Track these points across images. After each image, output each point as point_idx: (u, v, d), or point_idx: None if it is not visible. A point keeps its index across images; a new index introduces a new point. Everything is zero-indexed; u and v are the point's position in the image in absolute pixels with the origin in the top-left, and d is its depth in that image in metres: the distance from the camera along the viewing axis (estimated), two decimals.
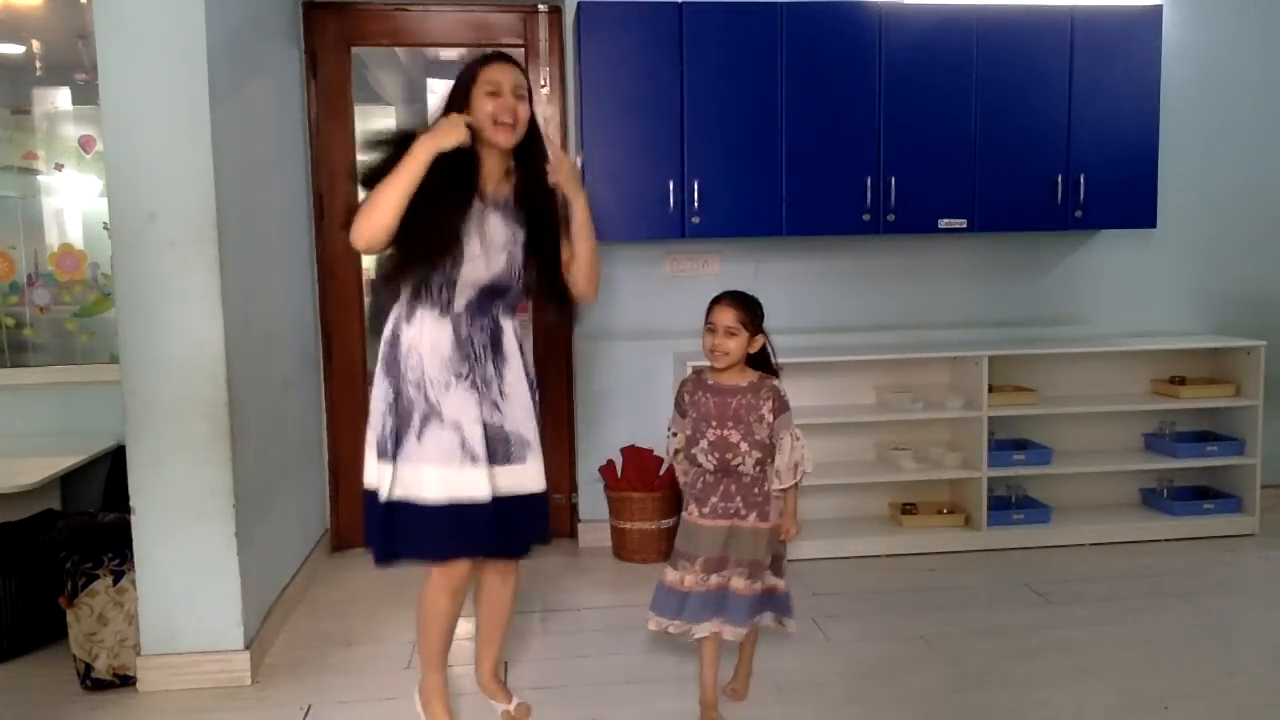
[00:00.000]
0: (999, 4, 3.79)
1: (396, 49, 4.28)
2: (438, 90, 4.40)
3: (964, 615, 3.30)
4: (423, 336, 2.28)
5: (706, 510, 2.53)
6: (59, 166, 3.62)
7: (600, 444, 4.04)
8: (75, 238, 3.63)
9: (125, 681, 2.83)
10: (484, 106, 2.23)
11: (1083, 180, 3.86)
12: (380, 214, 2.15)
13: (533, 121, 2.33)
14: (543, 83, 4.05)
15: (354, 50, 3.99)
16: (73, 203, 3.64)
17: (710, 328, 2.52)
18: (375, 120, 4.35)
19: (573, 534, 4.16)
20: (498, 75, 2.24)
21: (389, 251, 2.25)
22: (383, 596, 3.57)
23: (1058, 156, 3.85)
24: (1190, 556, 3.83)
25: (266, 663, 2.98)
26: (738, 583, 2.53)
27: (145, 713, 2.71)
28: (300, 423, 3.74)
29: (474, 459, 2.28)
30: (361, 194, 2.24)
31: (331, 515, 4.11)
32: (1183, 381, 4.15)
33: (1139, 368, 4.25)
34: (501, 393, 2.33)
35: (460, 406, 2.27)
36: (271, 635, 3.11)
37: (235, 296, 2.86)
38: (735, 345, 2.49)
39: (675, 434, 2.62)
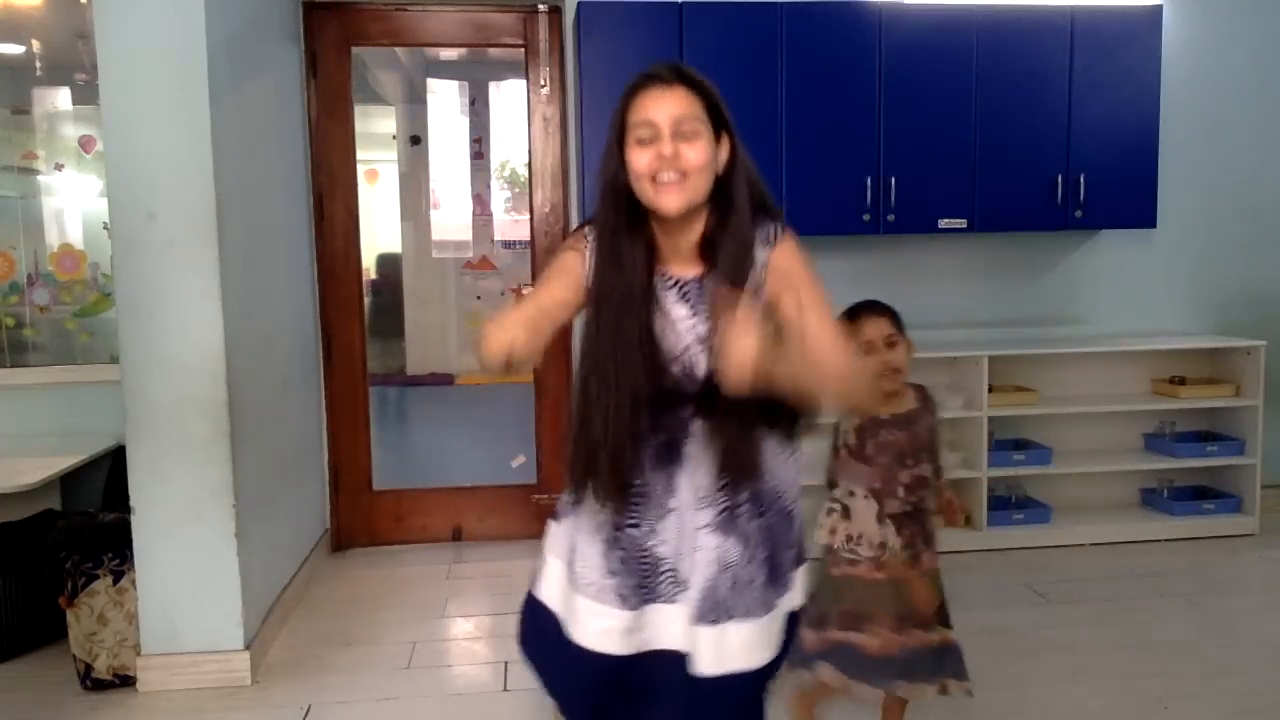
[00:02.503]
0: (999, 4, 3.78)
1: (396, 49, 4.28)
2: (438, 90, 4.40)
3: (964, 615, 3.29)
4: None
5: (879, 561, 2.10)
6: (59, 166, 3.62)
7: None
8: (75, 238, 3.63)
9: (125, 681, 2.83)
10: (636, 163, 1.51)
11: (1083, 180, 3.86)
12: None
13: (733, 157, 1.58)
14: (543, 83, 4.05)
15: (354, 50, 4.00)
16: (73, 203, 3.64)
17: (866, 346, 2.08)
18: (375, 120, 4.35)
19: None
20: (651, 110, 1.50)
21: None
22: (383, 596, 3.57)
23: (1058, 156, 3.85)
24: (1190, 556, 3.83)
25: (266, 663, 2.98)
26: (941, 633, 2.18)
27: (145, 713, 2.71)
28: (300, 423, 3.74)
29: (586, 590, 1.64)
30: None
31: (331, 515, 4.11)
32: (1183, 381, 4.14)
33: (1139, 368, 4.25)
34: (663, 508, 1.61)
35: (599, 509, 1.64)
36: (271, 635, 3.11)
37: (235, 296, 2.86)
38: (902, 357, 2.11)
39: (842, 505, 2.10)
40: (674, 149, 1.49)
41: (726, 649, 1.57)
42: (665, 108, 1.50)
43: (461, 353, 4.45)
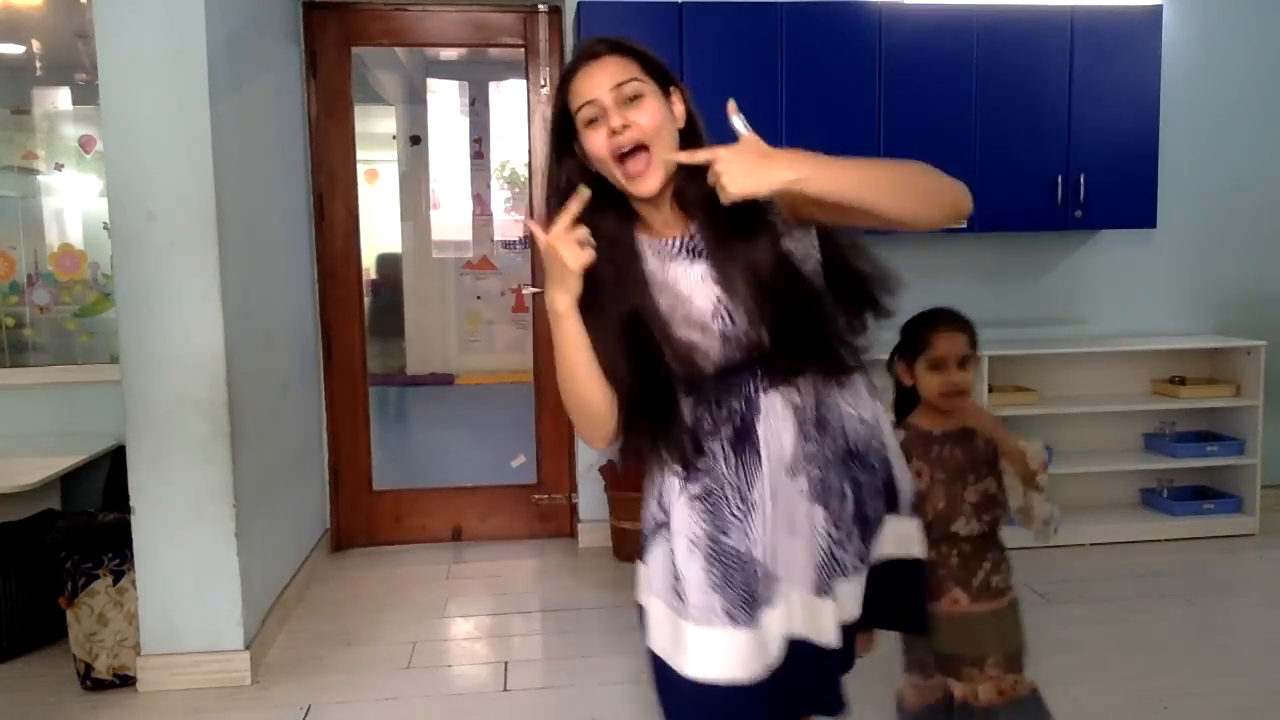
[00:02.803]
0: (999, 4, 3.78)
1: (396, 49, 4.28)
2: (438, 90, 4.40)
3: None
4: None
5: (974, 590, 1.93)
6: (59, 166, 3.62)
7: None
8: (75, 238, 3.63)
9: (125, 681, 2.83)
10: (594, 147, 1.40)
11: (1083, 180, 3.86)
12: (577, 410, 1.44)
13: (689, 116, 1.47)
14: (543, 83, 4.05)
15: (354, 50, 4.00)
16: (73, 203, 3.64)
17: (936, 362, 1.94)
18: (375, 120, 4.35)
19: (573, 534, 4.16)
20: (586, 88, 1.40)
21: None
22: (383, 596, 3.57)
23: (1058, 156, 3.85)
24: (1190, 556, 3.83)
25: (266, 663, 2.98)
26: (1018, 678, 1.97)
27: (145, 713, 2.71)
28: (300, 423, 3.74)
29: (680, 611, 1.44)
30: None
31: (331, 515, 4.11)
32: (1183, 381, 4.14)
33: (1139, 368, 4.25)
34: (747, 503, 1.45)
35: (683, 522, 1.47)
36: (271, 635, 3.11)
37: (235, 296, 2.86)
38: (972, 378, 1.95)
39: None
40: (623, 118, 1.38)
41: (841, 609, 1.51)
42: (599, 80, 1.40)
43: (461, 353, 4.45)
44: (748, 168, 1.29)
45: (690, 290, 1.43)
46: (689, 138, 1.44)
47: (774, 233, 1.43)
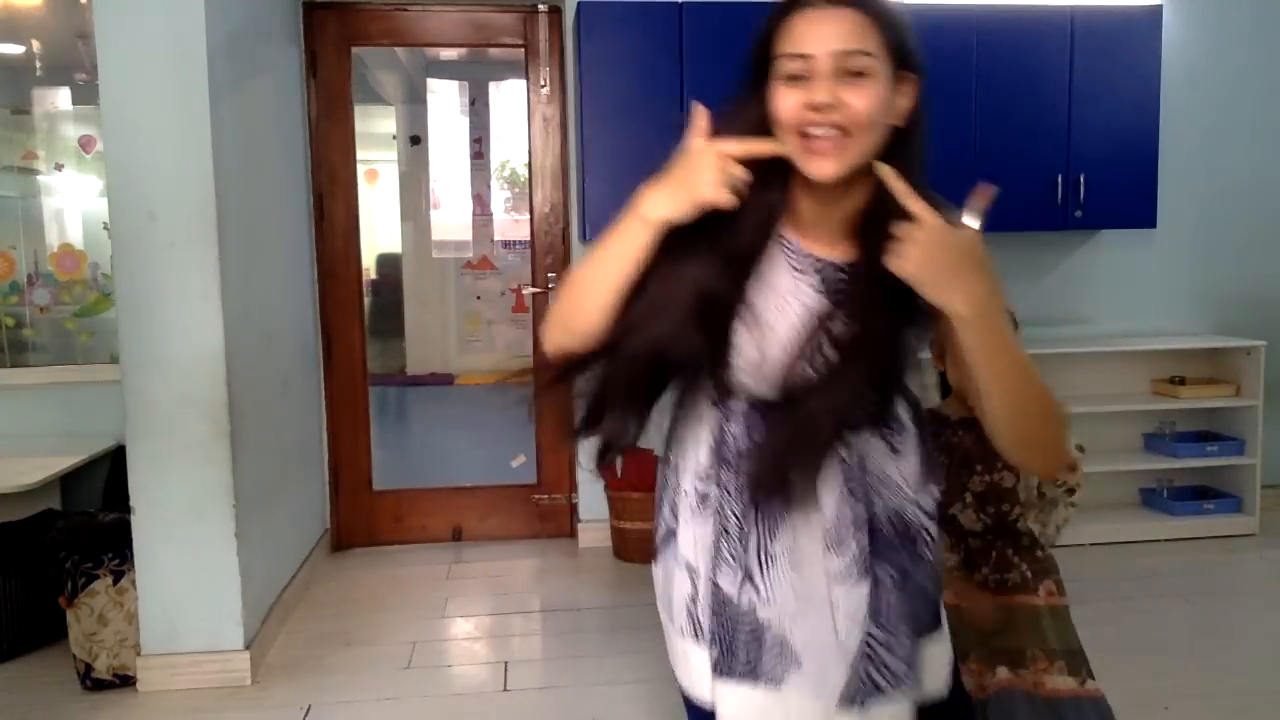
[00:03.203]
0: (999, 4, 3.78)
1: (396, 49, 4.28)
2: (438, 90, 4.40)
3: None
4: (686, 426, 1.33)
5: (974, 585, 1.92)
6: (59, 166, 3.62)
7: None
8: (75, 238, 3.63)
9: (125, 681, 2.83)
10: (782, 106, 1.14)
11: (1083, 180, 3.86)
12: (569, 307, 1.23)
13: (916, 108, 1.26)
14: (543, 83, 4.05)
15: (354, 50, 4.00)
16: (73, 203, 3.64)
17: None
18: (375, 120, 4.35)
19: (573, 534, 4.16)
20: (806, 38, 1.12)
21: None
22: (383, 596, 3.57)
23: (1058, 156, 3.85)
24: (1190, 556, 3.83)
25: (266, 663, 2.98)
26: (1061, 681, 1.87)
27: (145, 713, 2.71)
28: (300, 423, 3.74)
29: (686, 631, 1.32)
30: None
31: (331, 515, 4.11)
32: (1183, 381, 4.14)
33: (1139, 368, 4.25)
34: (768, 555, 1.23)
35: (695, 543, 1.29)
36: (271, 635, 3.11)
37: (235, 296, 2.86)
38: None
39: None
40: (832, 94, 1.10)
41: None
42: (825, 36, 1.11)
43: (461, 353, 4.45)
44: (934, 261, 1.11)
45: (802, 310, 1.20)
46: (902, 142, 1.22)
47: (913, 318, 1.23)
